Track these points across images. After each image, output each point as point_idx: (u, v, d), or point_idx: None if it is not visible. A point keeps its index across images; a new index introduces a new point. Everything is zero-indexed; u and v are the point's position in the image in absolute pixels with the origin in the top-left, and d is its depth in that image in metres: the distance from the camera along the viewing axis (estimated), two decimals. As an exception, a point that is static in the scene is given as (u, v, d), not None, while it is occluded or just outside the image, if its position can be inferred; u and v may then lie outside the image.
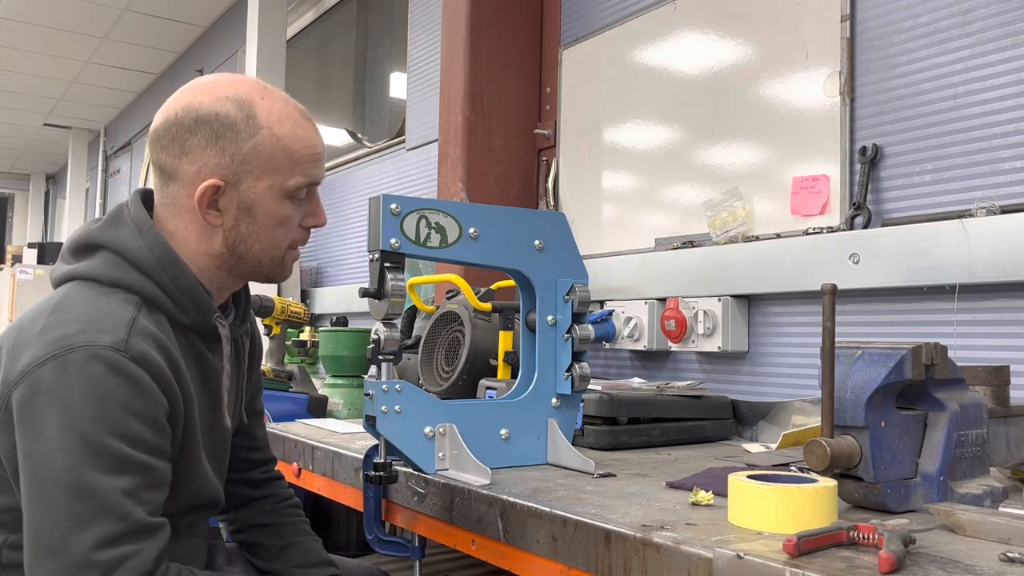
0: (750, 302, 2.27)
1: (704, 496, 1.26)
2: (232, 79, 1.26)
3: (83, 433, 1.01)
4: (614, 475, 1.50)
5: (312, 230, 1.32)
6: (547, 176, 2.96)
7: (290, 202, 1.24)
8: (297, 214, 1.27)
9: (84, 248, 1.20)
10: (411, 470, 1.51)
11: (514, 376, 2.01)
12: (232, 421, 1.34)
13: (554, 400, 1.61)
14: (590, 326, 1.62)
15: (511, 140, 3.00)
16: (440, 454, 1.48)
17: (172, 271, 1.18)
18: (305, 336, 3.34)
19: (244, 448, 1.49)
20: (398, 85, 4.23)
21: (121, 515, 1.01)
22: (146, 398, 1.06)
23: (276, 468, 1.56)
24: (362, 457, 1.65)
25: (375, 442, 1.47)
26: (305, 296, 4.49)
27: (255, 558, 1.46)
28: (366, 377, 1.46)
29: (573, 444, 1.59)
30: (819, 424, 1.23)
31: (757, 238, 2.22)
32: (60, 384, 1.02)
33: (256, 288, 2.85)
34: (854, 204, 2.00)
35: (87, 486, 1.00)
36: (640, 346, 2.45)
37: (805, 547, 0.94)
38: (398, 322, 1.74)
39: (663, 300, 2.42)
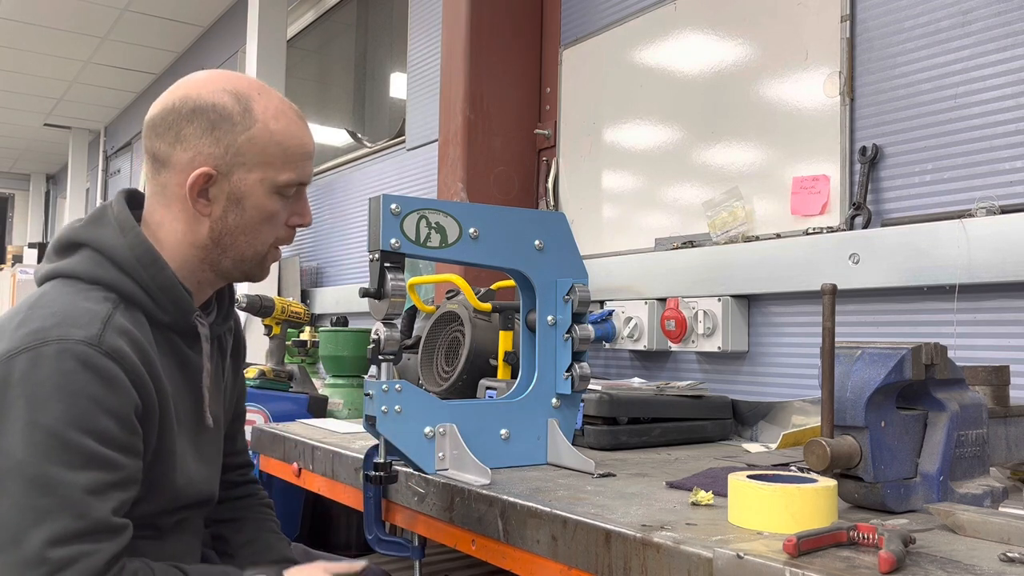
0: (750, 302, 2.27)
1: (704, 496, 1.26)
2: (229, 74, 1.27)
3: (50, 428, 1.01)
4: (614, 475, 1.50)
5: (298, 230, 1.33)
6: (547, 176, 2.96)
7: (279, 198, 1.25)
8: (284, 211, 1.27)
9: (67, 246, 1.21)
10: (411, 470, 1.51)
11: (514, 376, 2.01)
12: (216, 419, 1.33)
13: (554, 400, 1.61)
14: (590, 326, 1.62)
15: (511, 140, 3.00)
16: (440, 454, 1.48)
17: (152, 269, 1.18)
18: (305, 336, 3.34)
19: (223, 453, 1.49)
20: (398, 85, 4.23)
21: (80, 512, 1.00)
22: (117, 394, 1.06)
23: (253, 473, 1.57)
24: (362, 457, 1.65)
25: (375, 442, 1.46)
26: (305, 296, 4.49)
27: (219, 552, 1.46)
28: (366, 377, 1.46)
29: (573, 444, 1.59)
30: (819, 424, 1.23)
31: (757, 238, 2.22)
32: (31, 377, 1.02)
33: (256, 288, 2.87)
34: (854, 204, 2.00)
35: (49, 480, 0.99)
36: (640, 346, 2.45)
37: (805, 547, 0.94)
38: (398, 322, 1.74)
39: (663, 300, 2.42)
